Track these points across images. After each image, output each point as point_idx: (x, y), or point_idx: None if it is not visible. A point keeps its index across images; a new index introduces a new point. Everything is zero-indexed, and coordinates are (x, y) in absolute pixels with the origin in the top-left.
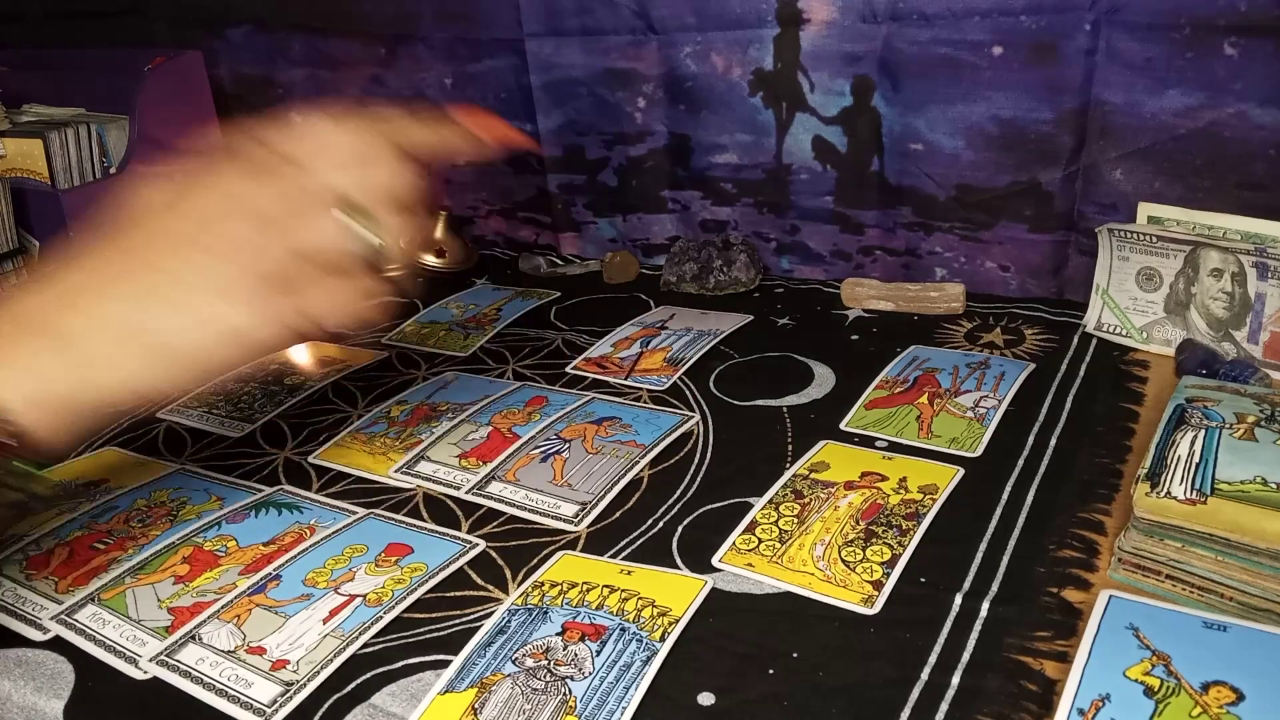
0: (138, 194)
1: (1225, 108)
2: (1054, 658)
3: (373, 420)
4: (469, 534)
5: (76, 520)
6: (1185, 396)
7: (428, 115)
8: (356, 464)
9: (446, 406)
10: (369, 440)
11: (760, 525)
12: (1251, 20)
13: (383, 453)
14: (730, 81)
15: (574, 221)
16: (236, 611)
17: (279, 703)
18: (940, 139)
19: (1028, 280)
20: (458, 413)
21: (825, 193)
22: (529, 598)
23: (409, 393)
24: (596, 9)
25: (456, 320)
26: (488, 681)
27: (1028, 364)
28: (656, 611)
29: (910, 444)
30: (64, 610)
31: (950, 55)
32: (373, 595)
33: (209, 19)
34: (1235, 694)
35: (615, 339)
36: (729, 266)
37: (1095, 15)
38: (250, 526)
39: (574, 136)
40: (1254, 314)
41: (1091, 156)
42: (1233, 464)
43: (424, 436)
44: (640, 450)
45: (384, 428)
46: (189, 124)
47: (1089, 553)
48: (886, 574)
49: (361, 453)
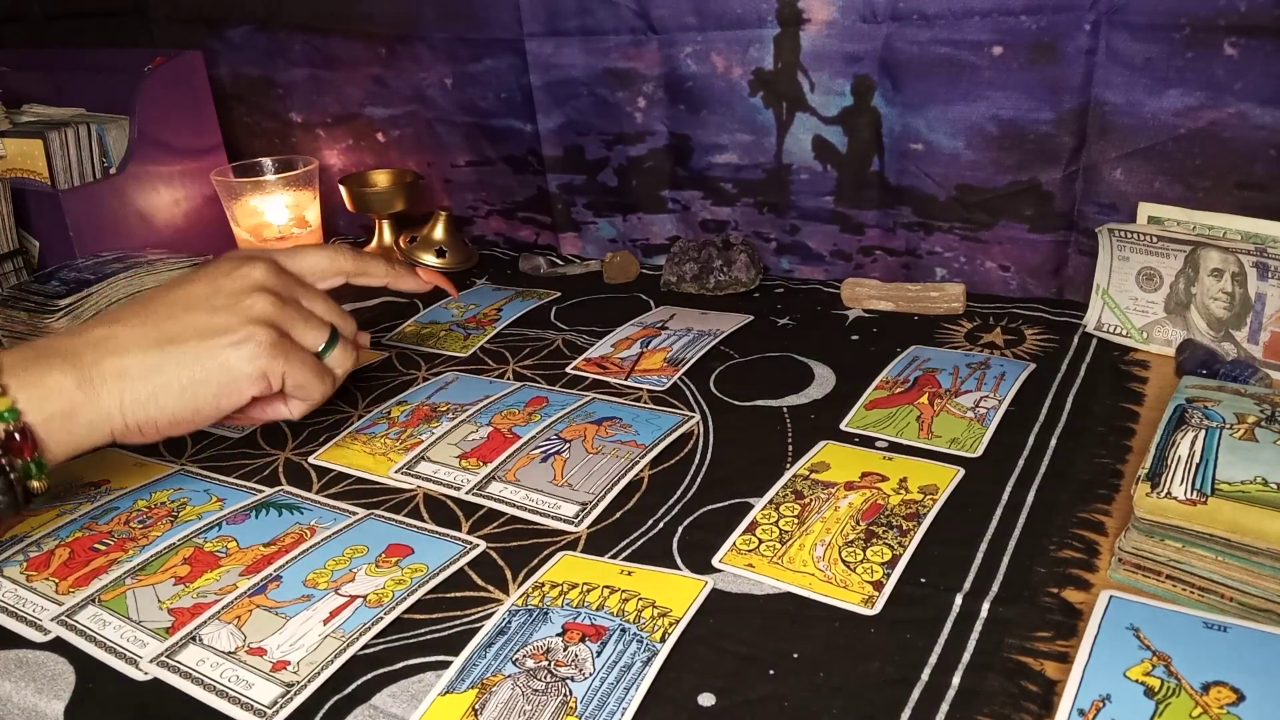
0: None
1: (1225, 108)
2: (1054, 658)
3: (373, 421)
4: (469, 534)
5: (77, 521)
6: (1185, 397)
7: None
8: (357, 465)
9: (447, 407)
10: (369, 441)
11: (760, 525)
12: (1251, 20)
13: (383, 453)
14: (730, 81)
15: (574, 221)
16: (237, 612)
17: (279, 704)
18: (940, 139)
19: (1028, 280)
20: (458, 413)
21: (825, 193)
22: (529, 598)
23: (409, 393)
24: (596, 9)
25: (456, 320)
26: (488, 682)
27: (1028, 364)
28: (657, 612)
29: (910, 444)
30: (64, 611)
31: (950, 55)
32: (373, 596)
33: (209, 19)
34: (1236, 694)
35: (615, 339)
36: (729, 266)
37: (1095, 15)
38: (251, 527)
39: (574, 136)
40: (1254, 314)
41: (1091, 156)
42: (1233, 464)
43: (424, 437)
44: (640, 450)
45: (384, 428)
46: (189, 124)
47: (1089, 553)
48: (887, 574)
49: (362, 453)
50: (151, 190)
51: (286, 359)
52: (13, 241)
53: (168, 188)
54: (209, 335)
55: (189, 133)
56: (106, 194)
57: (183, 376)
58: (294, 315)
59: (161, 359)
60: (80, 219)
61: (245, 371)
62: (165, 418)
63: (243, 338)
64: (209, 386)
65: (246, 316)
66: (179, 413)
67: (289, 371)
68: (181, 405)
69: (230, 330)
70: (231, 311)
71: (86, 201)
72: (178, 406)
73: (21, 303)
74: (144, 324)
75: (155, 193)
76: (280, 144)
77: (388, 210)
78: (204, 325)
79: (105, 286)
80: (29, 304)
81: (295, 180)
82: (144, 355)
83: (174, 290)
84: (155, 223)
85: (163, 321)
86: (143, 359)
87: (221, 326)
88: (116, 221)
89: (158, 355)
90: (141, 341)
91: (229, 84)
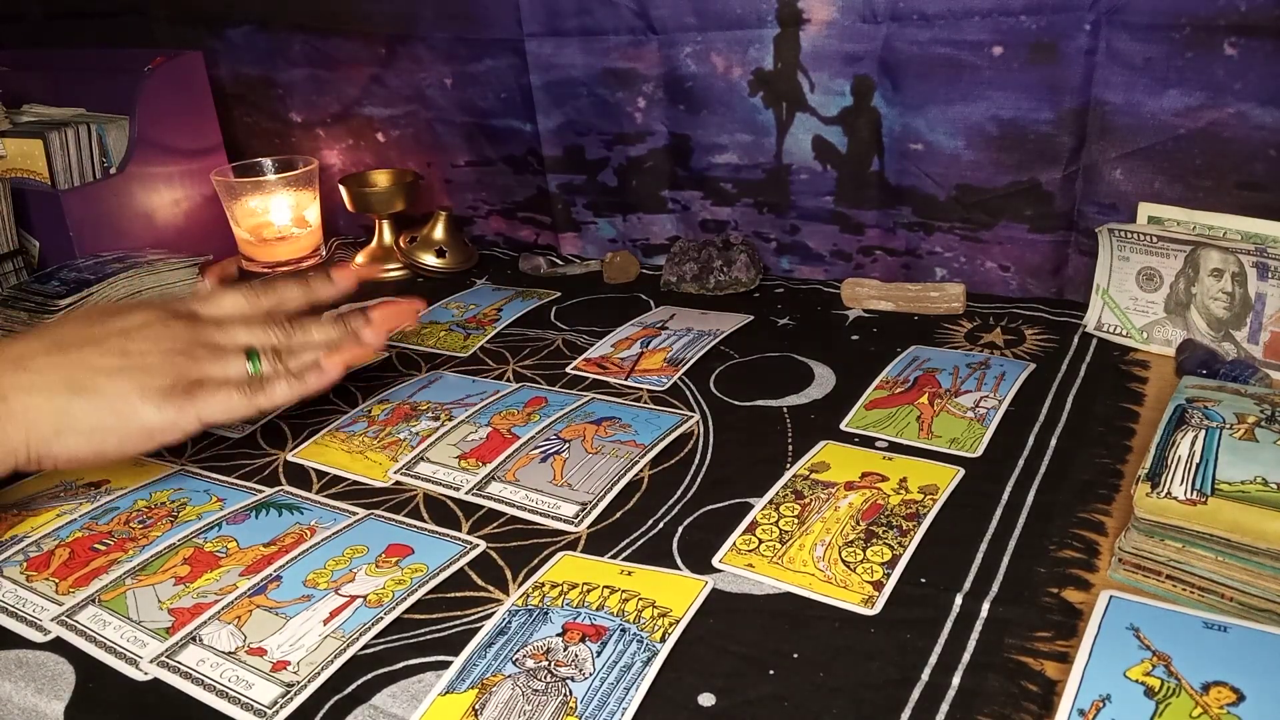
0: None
1: (1225, 108)
2: (1054, 658)
3: (353, 419)
4: (469, 534)
5: (77, 521)
6: (1185, 397)
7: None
8: (334, 462)
9: (428, 405)
10: (348, 439)
11: (760, 526)
12: (1251, 20)
13: (360, 451)
14: (730, 81)
15: (574, 221)
16: (237, 613)
17: (279, 704)
18: (940, 139)
19: (1028, 280)
20: (439, 411)
21: (825, 193)
22: (529, 598)
23: (390, 391)
24: (596, 9)
25: (456, 320)
26: (488, 682)
27: (1028, 364)
28: (657, 612)
29: (910, 444)
30: (65, 612)
31: (950, 55)
32: (373, 596)
33: (209, 19)
34: (1236, 694)
35: (615, 339)
36: (729, 266)
37: (1095, 15)
38: (251, 527)
39: (574, 136)
40: (1254, 314)
41: (1091, 156)
42: (1233, 464)
43: (403, 436)
44: (640, 450)
45: (364, 426)
46: (189, 124)
47: (1089, 553)
48: (887, 574)
49: (340, 451)
50: (151, 190)
51: (196, 402)
52: (13, 241)
53: (168, 188)
54: (118, 385)
55: (189, 133)
56: (106, 194)
57: (90, 421)
58: (202, 356)
59: (68, 403)
60: (80, 219)
61: (154, 422)
62: (67, 455)
63: (149, 388)
64: (115, 434)
65: (154, 367)
66: (81, 453)
67: (203, 411)
68: (87, 447)
69: (138, 382)
70: (141, 361)
71: (86, 201)
72: (81, 447)
73: (21, 303)
74: (54, 367)
75: (155, 193)
76: (280, 144)
77: (388, 210)
78: (113, 373)
79: (105, 286)
80: (29, 304)
81: (295, 180)
82: (51, 398)
83: (88, 329)
84: (155, 223)
85: (74, 368)
86: (50, 400)
87: (130, 378)
88: (116, 221)
89: (65, 399)
90: (51, 385)
91: (229, 84)
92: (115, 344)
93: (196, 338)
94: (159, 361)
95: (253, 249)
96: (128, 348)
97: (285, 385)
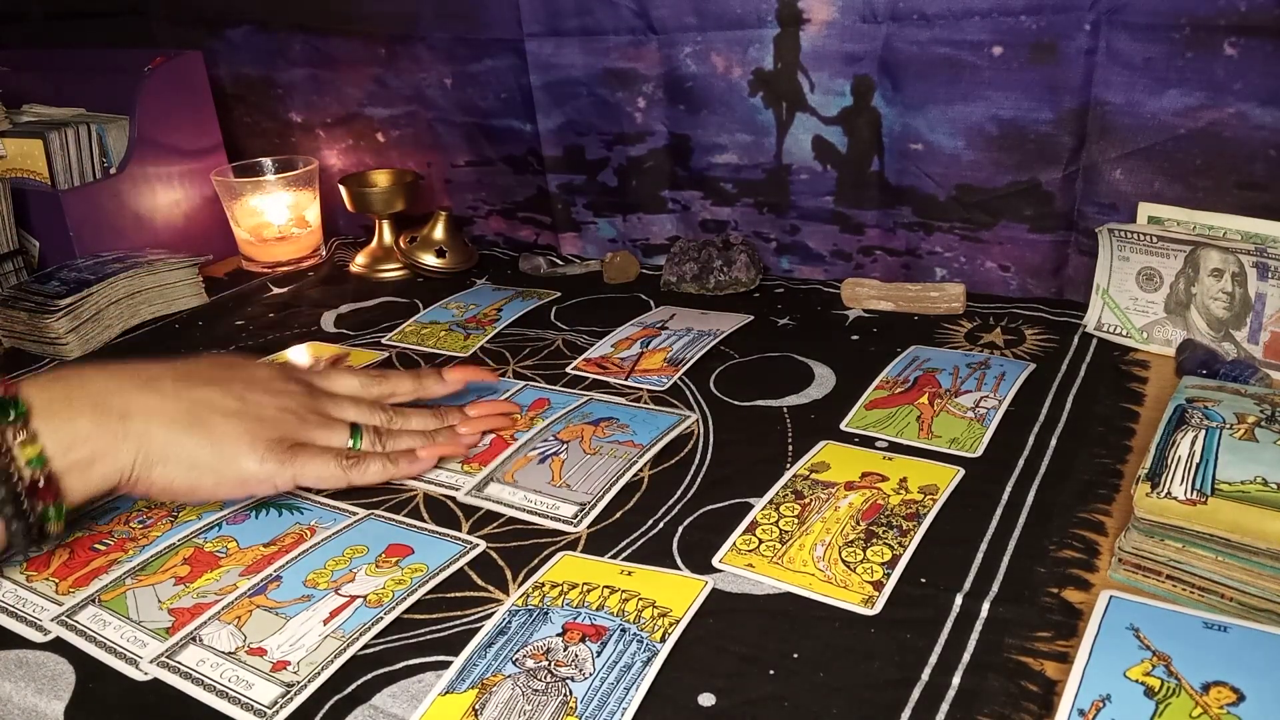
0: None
1: (1225, 108)
2: (1054, 658)
3: None
4: (469, 534)
5: (77, 521)
6: (1185, 397)
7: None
8: None
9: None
10: None
11: (760, 526)
12: (1251, 20)
13: None
14: (730, 81)
15: (574, 221)
16: (237, 613)
17: (279, 704)
18: (940, 139)
19: (1028, 280)
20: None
21: (825, 193)
22: (529, 598)
23: None
24: (596, 9)
25: (456, 320)
26: (488, 682)
27: (1028, 364)
28: (657, 612)
29: (910, 444)
30: (65, 612)
31: (950, 55)
32: (373, 596)
33: (209, 19)
34: (1236, 694)
35: (615, 339)
36: (729, 266)
37: (1095, 15)
38: (251, 527)
39: (574, 136)
40: (1254, 314)
41: (1091, 156)
42: (1233, 464)
43: None
44: (638, 450)
45: None
46: (189, 124)
47: (1089, 553)
48: (887, 574)
49: None
50: (151, 190)
51: (296, 462)
52: (13, 241)
53: (168, 188)
54: (231, 426)
55: (189, 133)
56: (106, 194)
57: (196, 455)
58: (311, 421)
59: (182, 434)
60: (80, 219)
61: (252, 472)
62: (164, 484)
63: (258, 438)
64: (213, 474)
65: (267, 419)
66: (177, 485)
67: (300, 472)
68: (184, 480)
69: (249, 429)
70: (256, 411)
71: (86, 201)
72: (179, 479)
73: (21, 303)
74: (179, 397)
75: (155, 193)
76: (280, 144)
77: (388, 210)
78: (229, 414)
79: (105, 286)
80: (29, 304)
81: (295, 180)
82: (169, 424)
83: (215, 370)
84: (155, 223)
85: (196, 402)
86: (167, 428)
87: (243, 423)
88: (116, 221)
89: (180, 430)
90: (172, 413)
91: (229, 84)
92: (237, 390)
93: (310, 404)
94: (273, 415)
95: (252, 249)
96: (247, 396)
97: (379, 465)
